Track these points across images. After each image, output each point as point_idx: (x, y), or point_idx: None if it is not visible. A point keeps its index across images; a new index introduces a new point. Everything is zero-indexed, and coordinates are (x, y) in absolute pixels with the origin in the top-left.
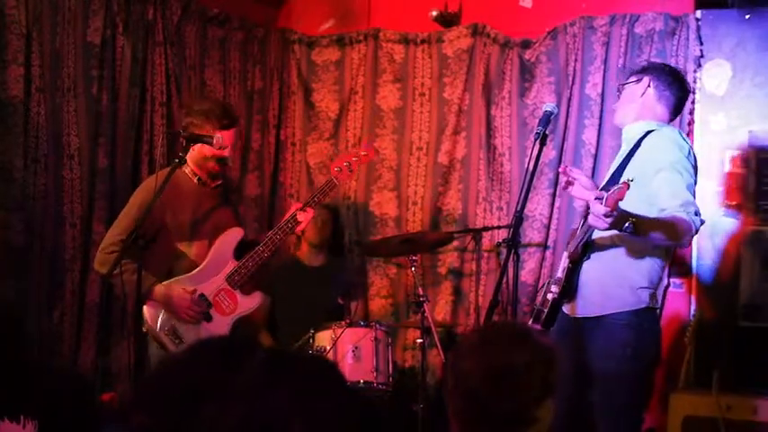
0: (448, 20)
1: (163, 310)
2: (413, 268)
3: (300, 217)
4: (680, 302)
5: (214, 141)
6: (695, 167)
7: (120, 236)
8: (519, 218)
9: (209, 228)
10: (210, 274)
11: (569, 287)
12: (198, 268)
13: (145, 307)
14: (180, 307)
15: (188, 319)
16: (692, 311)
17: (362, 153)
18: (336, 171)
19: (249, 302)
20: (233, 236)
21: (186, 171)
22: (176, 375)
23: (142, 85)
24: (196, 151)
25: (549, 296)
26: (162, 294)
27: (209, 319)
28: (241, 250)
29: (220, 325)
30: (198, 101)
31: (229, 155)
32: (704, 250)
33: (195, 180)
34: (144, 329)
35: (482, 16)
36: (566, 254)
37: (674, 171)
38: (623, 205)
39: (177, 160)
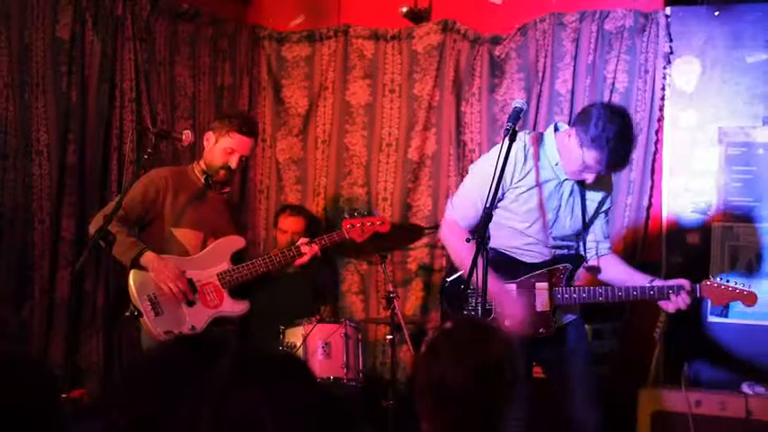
0: (418, 16)
1: (148, 278)
2: (383, 264)
3: (304, 249)
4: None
5: (183, 137)
6: None
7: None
8: (488, 214)
9: (207, 221)
10: (203, 266)
11: None
12: (193, 256)
13: (131, 271)
14: (163, 274)
15: (167, 290)
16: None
17: (378, 222)
18: (348, 227)
19: (234, 306)
20: (235, 242)
21: (196, 171)
22: (150, 374)
23: (111, 80)
24: (206, 155)
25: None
26: (150, 260)
27: (190, 303)
28: (238, 260)
29: (200, 315)
30: (230, 111)
31: (236, 162)
32: (674, 246)
33: (203, 179)
34: (127, 313)
35: (452, 12)
36: None
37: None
38: None
39: (146, 156)
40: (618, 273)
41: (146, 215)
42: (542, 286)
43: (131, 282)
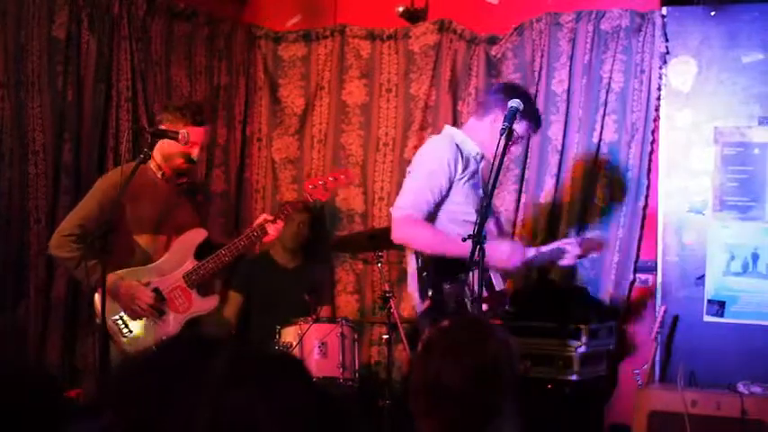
0: (414, 16)
1: (114, 300)
2: (379, 264)
3: (269, 228)
4: (646, 298)
5: (180, 137)
6: None
7: (79, 221)
8: (484, 213)
9: (170, 223)
10: (168, 270)
11: None
12: (155, 263)
13: (96, 296)
14: (129, 297)
15: (137, 310)
16: (658, 307)
17: (341, 176)
18: (311, 188)
19: (204, 304)
20: (195, 236)
21: (152, 166)
22: (144, 375)
23: (107, 80)
24: (163, 147)
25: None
26: (112, 283)
27: (161, 314)
28: (204, 251)
29: (171, 323)
30: (175, 100)
31: (197, 153)
32: (670, 246)
33: (159, 175)
34: (99, 321)
35: (448, 12)
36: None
37: None
38: None
39: (142, 156)
40: None
41: (106, 226)
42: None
43: (98, 306)
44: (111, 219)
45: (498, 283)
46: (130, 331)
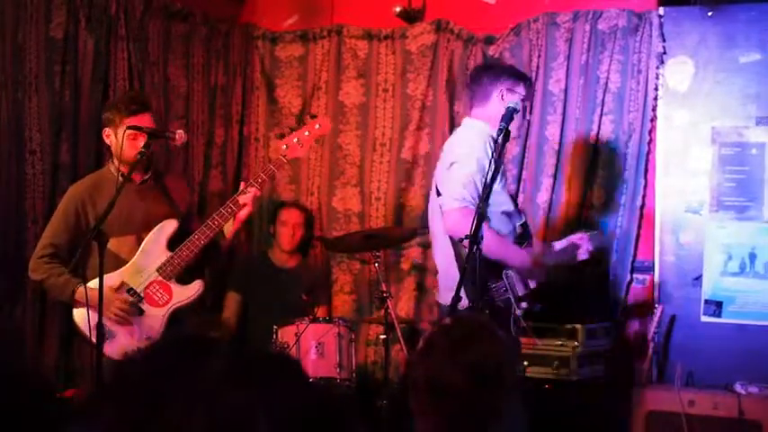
0: (411, 16)
1: (90, 311)
2: (376, 264)
3: (243, 199)
4: (643, 298)
5: (177, 137)
6: None
7: (49, 240)
8: (482, 213)
9: (135, 220)
10: (142, 268)
11: None
12: (128, 263)
13: (74, 310)
14: (103, 304)
15: (113, 315)
16: (655, 307)
17: (316, 126)
18: (284, 149)
19: (186, 292)
20: (166, 227)
21: (111, 169)
22: (138, 375)
23: (105, 80)
24: (117, 150)
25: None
26: (82, 294)
27: (140, 312)
28: (181, 241)
29: (153, 319)
30: (115, 99)
31: (142, 143)
32: (667, 246)
33: (119, 176)
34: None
35: (446, 12)
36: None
37: None
38: None
39: (139, 156)
40: None
41: (78, 240)
42: None
43: (77, 320)
44: (77, 233)
45: (531, 282)
46: (112, 337)
